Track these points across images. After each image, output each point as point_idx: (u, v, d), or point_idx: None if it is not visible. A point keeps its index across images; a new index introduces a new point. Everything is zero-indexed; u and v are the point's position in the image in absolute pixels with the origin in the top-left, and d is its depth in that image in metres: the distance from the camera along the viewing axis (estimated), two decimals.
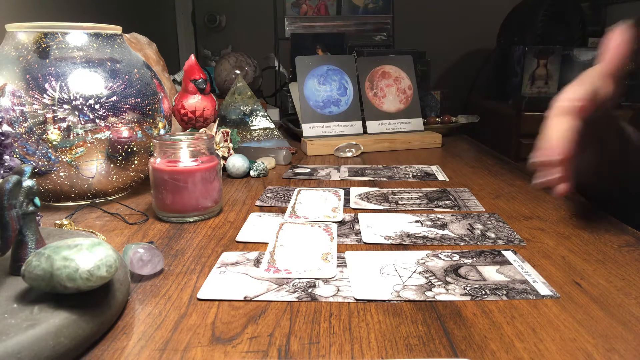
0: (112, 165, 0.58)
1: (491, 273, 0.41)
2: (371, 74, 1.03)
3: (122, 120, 0.57)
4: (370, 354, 0.30)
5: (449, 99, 1.37)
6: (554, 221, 0.54)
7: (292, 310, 0.35)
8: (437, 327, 0.33)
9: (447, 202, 0.61)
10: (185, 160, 0.53)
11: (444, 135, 1.02)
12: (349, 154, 0.91)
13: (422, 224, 0.53)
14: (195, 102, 0.74)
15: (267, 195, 0.65)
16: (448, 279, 0.40)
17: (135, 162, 0.61)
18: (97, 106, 0.55)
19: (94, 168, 0.57)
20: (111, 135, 0.56)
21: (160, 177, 0.53)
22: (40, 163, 0.54)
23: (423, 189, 0.67)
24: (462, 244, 0.48)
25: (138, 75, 0.60)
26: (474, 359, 0.30)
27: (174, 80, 1.30)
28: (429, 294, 0.37)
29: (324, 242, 0.48)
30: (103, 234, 0.51)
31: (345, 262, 0.43)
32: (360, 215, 0.56)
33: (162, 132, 0.64)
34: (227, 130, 0.78)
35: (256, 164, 0.75)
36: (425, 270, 0.42)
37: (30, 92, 0.52)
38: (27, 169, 0.36)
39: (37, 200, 0.35)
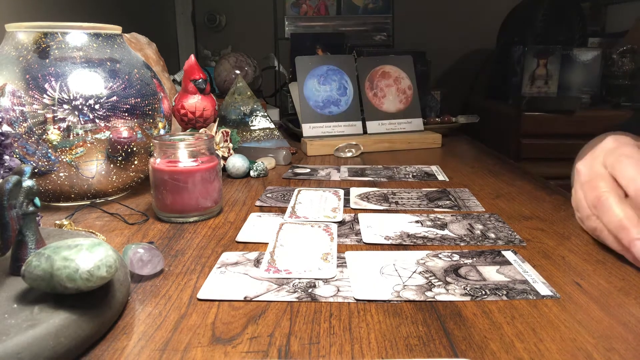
0: (112, 166, 0.58)
1: (491, 273, 0.41)
2: (371, 74, 1.03)
3: (122, 121, 0.57)
4: (371, 354, 0.30)
5: (449, 99, 1.37)
6: (554, 221, 0.54)
7: (292, 311, 0.35)
8: (437, 328, 0.33)
9: (447, 202, 0.61)
10: (185, 160, 0.53)
11: (444, 136, 1.02)
12: (349, 154, 0.91)
13: (422, 224, 0.53)
14: (195, 102, 0.74)
15: (267, 195, 0.65)
16: (448, 279, 0.40)
17: (135, 162, 0.61)
18: (97, 106, 0.55)
19: (94, 168, 0.57)
20: (111, 136, 0.56)
21: (160, 177, 0.53)
22: (40, 163, 0.54)
23: (423, 189, 0.67)
24: (462, 244, 0.48)
25: (138, 75, 0.60)
26: (474, 359, 0.30)
27: (174, 80, 1.30)
28: (429, 294, 0.37)
29: (324, 242, 0.48)
30: (103, 234, 0.51)
31: (345, 262, 0.43)
32: (360, 216, 0.56)
33: (162, 132, 0.64)
34: (227, 130, 0.78)
35: (256, 164, 0.75)
36: (425, 270, 0.42)
37: (30, 92, 0.52)
38: (27, 169, 0.36)
39: (37, 201, 0.35)
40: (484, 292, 0.37)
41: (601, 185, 0.43)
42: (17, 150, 0.53)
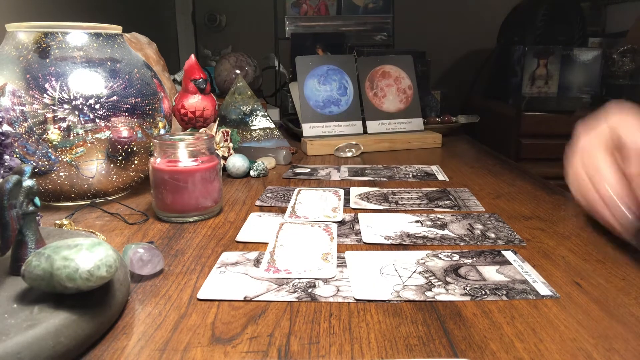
0: (112, 165, 0.58)
1: (491, 273, 0.41)
2: (371, 74, 1.03)
3: (122, 120, 0.57)
4: (370, 354, 0.30)
5: (449, 99, 1.37)
6: (554, 221, 0.54)
7: (292, 310, 0.35)
8: (437, 327, 0.33)
9: (447, 202, 0.61)
10: (185, 160, 0.53)
11: (444, 135, 1.02)
12: (349, 154, 0.91)
13: (422, 224, 0.53)
14: (195, 102, 0.74)
15: (267, 195, 0.65)
16: (448, 279, 0.40)
17: (135, 162, 0.61)
18: (97, 106, 0.55)
19: (94, 168, 0.57)
20: (111, 135, 0.56)
21: (160, 177, 0.53)
22: (40, 163, 0.54)
23: (423, 189, 0.67)
24: (462, 244, 0.48)
25: (138, 75, 0.60)
26: (474, 359, 0.30)
27: (174, 80, 1.30)
28: (429, 294, 0.37)
29: (324, 242, 0.48)
30: (103, 234, 0.51)
31: (345, 262, 0.43)
32: (360, 215, 0.56)
33: (162, 132, 0.64)
34: (227, 130, 0.78)
35: (256, 164, 0.75)
36: (425, 270, 0.42)
37: (31, 91, 0.52)
38: (27, 168, 0.36)
39: (37, 200, 0.35)
40: (483, 292, 0.37)
41: (599, 156, 0.44)
42: (17, 149, 0.53)
